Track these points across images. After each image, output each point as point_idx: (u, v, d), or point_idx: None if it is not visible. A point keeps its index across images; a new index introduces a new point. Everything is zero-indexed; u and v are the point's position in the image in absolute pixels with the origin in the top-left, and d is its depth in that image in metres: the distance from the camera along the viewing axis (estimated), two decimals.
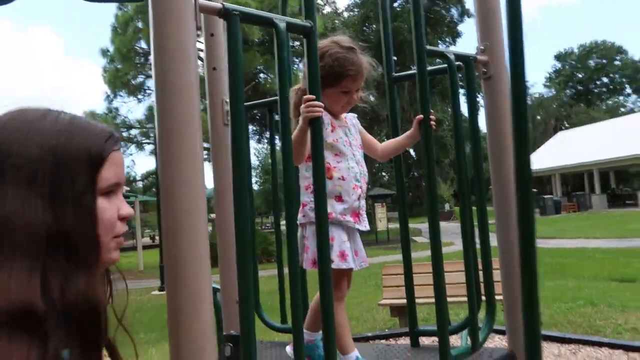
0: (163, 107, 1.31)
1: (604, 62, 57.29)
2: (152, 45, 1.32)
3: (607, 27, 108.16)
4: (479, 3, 2.25)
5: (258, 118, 27.84)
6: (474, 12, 2.32)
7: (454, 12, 39.78)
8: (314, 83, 1.65)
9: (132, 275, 15.93)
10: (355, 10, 39.66)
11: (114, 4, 20.14)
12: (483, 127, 2.35)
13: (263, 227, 29.48)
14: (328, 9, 35.70)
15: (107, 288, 0.78)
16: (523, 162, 1.10)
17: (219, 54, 2.20)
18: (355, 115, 2.29)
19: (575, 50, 59.62)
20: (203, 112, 1.72)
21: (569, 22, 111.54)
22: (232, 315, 2.00)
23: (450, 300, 2.55)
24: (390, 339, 4.67)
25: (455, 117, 2.23)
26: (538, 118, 52.46)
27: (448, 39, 39.76)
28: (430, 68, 2.18)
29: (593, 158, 30.89)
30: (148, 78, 22.73)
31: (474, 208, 2.32)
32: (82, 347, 0.64)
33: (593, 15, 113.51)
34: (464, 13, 38.62)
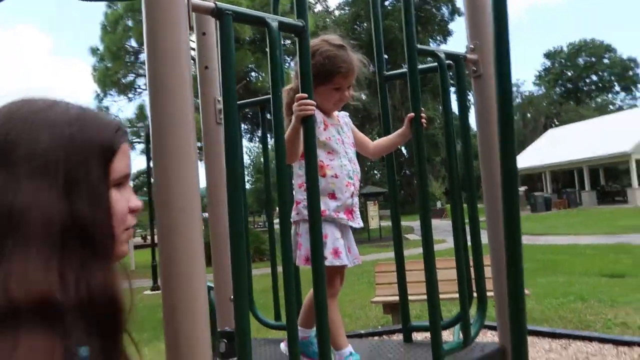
0: (156, 106, 1.32)
1: (593, 60, 57.68)
2: (145, 45, 1.33)
3: (595, 25, 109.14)
4: (469, 2, 2.27)
5: (250, 117, 27.78)
6: (464, 11, 2.34)
7: (445, 10, 39.92)
8: (306, 82, 1.67)
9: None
10: (346, 9, 39.67)
11: (104, 3, 19.98)
12: (474, 125, 2.38)
13: (255, 226, 29.41)
14: (319, 7, 35.70)
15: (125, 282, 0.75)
16: (509, 162, 1.12)
17: (211, 53, 2.21)
18: (347, 114, 2.31)
19: (565, 49, 59.97)
20: (195, 111, 1.73)
21: (556, 21, 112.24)
22: (225, 313, 2.01)
23: (443, 297, 2.58)
24: (384, 336, 4.69)
25: (446, 115, 2.25)
26: (528, 116, 52.74)
27: (439, 38, 39.90)
28: (421, 67, 2.20)
29: (583, 155, 31.14)
30: (138, 77, 22.53)
31: (465, 205, 2.35)
32: (102, 342, 0.62)
33: (580, 15, 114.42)
34: (455, 12, 38.76)
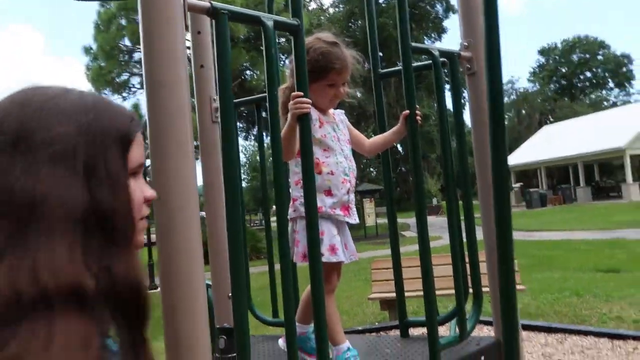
0: (153, 105, 1.33)
1: (587, 56, 57.85)
2: (141, 44, 1.34)
3: (589, 22, 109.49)
4: (462, 0, 2.28)
5: (245, 115, 27.74)
6: (458, 8, 2.35)
7: (439, 8, 39.99)
8: (302, 80, 1.68)
9: None
10: (341, 7, 39.66)
11: (97, 2, 19.89)
12: (469, 122, 2.39)
13: (252, 224, 29.41)
14: (313, 5, 35.65)
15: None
16: (499, 163, 1.13)
17: (206, 52, 2.21)
18: (343, 112, 2.32)
19: (559, 45, 60.16)
20: (191, 110, 1.74)
21: (551, 18, 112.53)
22: (224, 310, 2.02)
23: (439, 293, 2.59)
24: (381, 332, 4.72)
25: (441, 112, 2.27)
26: (523, 112, 52.89)
27: (433, 35, 39.96)
28: (416, 64, 2.21)
29: (577, 151, 31.25)
30: (133, 76, 22.42)
31: (461, 202, 2.36)
32: (129, 332, 0.62)
33: (574, 11, 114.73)
34: (449, 9, 38.83)
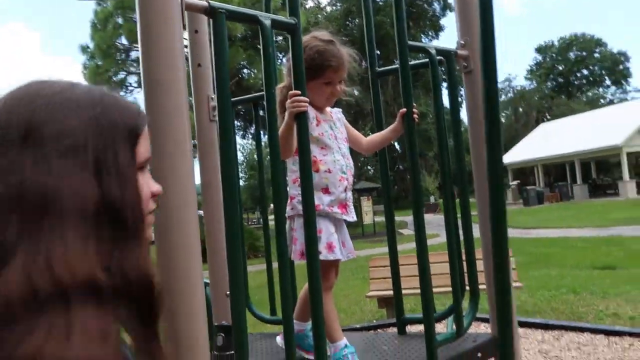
0: (151, 104, 1.33)
1: (584, 54, 57.93)
2: (139, 43, 1.34)
3: (586, 20, 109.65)
4: None
5: (243, 113, 27.70)
6: (454, 7, 2.36)
7: (436, 6, 39.99)
8: (299, 79, 1.68)
9: None
10: (338, 5, 39.62)
11: (94, 1, 19.84)
12: (466, 120, 2.40)
13: (250, 223, 29.41)
14: (311, 3, 35.62)
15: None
16: (494, 162, 1.14)
17: (204, 51, 2.21)
18: (340, 110, 2.33)
19: (556, 43, 60.23)
20: (189, 109, 1.74)
21: (548, 16, 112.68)
22: (221, 308, 2.03)
23: (436, 291, 2.61)
24: (378, 330, 4.73)
25: (437, 110, 2.27)
26: (520, 110, 52.97)
27: (431, 33, 39.96)
28: (413, 62, 2.22)
29: (574, 149, 31.32)
30: (130, 74, 22.38)
31: (458, 200, 2.38)
32: (141, 327, 0.62)
33: (571, 9, 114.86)
34: (446, 7, 38.83)
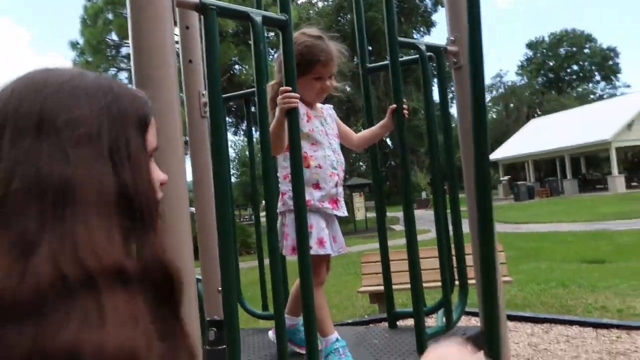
0: None
1: (574, 50, 58.31)
2: (130, 40, 1.34)
3: (575, 15, 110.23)
4: None
5: (234, 110, 27.62)
6: (444, 3, 2.37)
7: (428, 1, 40.01)
8: (290, 75, 1.69)
9: None
10: (330, 0, 39.53)
11: None
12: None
13: (241, 219, 29.36)
14: None
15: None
16: (481, 156, 1.15)
17: (195, 47, 2.21)
18: (331, 106, 2.34)
19: (546, 39, 60.56)
20: (180, 105, 1.74)
21: (539, 11, 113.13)
22: (213, 304, 2.04)
23: (426, 285, 2.64)
24: (370, 325, 4.76)
25: (427, 106, 2.29)
26: (511, 106, 53.27)
27: (422, 29, 39.99)
28: (403, 59, 2.23)
29: (564, 144, 31.57)
30: (120, 71, 22.24)
31: (448, 195, 2.40)
32: (164, 312, 0.61)
33: (561, 4, 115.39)
34: (438, 3, 38.84)
